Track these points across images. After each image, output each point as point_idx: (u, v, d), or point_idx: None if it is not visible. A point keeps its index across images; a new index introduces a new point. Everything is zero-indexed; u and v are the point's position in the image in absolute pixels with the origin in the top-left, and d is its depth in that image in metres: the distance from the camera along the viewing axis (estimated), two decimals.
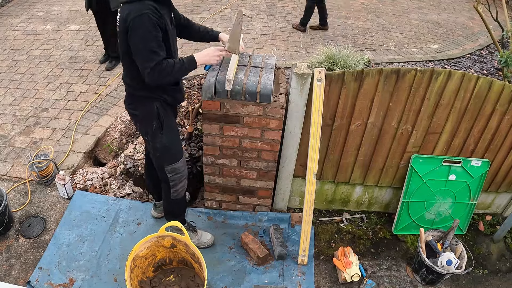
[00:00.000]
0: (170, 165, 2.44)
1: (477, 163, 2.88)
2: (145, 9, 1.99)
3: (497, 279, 2.92)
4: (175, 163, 2.45)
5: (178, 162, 2.47)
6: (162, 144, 2.37)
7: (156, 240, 2.38)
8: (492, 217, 3.31)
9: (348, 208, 3.25)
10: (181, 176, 2.52)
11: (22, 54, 5.10)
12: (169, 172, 2.46)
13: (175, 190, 2.54)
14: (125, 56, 2.17)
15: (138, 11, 1.99)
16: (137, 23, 1.99)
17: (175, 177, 2.49)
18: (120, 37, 2.12)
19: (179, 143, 2.51)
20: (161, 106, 2.31)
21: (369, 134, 2.76)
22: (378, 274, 2.83)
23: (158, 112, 2.29)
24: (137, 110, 2.34)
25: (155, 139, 2.36)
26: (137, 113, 2.35)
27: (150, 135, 2.36)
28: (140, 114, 2.34)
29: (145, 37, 2.01)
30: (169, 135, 2.38)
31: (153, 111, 2.28)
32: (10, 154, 3.54)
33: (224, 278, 2.67)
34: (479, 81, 2.54)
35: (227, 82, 2.32)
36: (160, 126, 2.32)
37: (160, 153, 2.41)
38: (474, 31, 6.41)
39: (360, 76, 2.50)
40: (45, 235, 2.89)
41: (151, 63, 2.04)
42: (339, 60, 4.00)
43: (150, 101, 2.28)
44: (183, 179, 2.55)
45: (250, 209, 3.12)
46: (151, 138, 2.37)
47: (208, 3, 6.70)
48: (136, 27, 2.00)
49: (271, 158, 2.75)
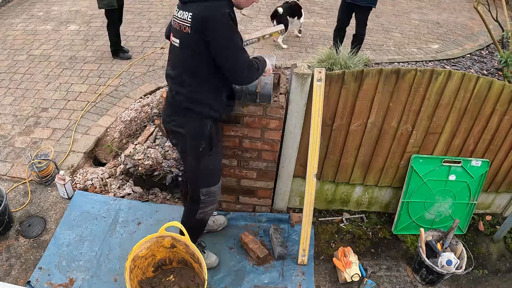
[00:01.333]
0: (207, 188, 2.28)
1: (477, 163, 2.88)
2: (225, 7, 1.88)
3: (497, 279, 2.92)
4: (213, 186, 2.30)
5: (216, 186, 2.32)
6: (205, 166, 2.19)
7: (156, 240, 2.38)
8: (492, 217, 3.31)
9: (348, 208, 3.25)
10: (214, 200, 2.36)
11: (22, 54, 5.10)
12: (204, 194, 2.29)
13: (203, 211, 2.37)
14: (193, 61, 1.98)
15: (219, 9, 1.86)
16: (223, 22, 1.86)
17: (208, 199, 2.32)
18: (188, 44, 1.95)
19: (221, 166, 2.37)
20: (214, 125, 2.14)
21: (369, 134, 2.76)
22: (378, 274, 2.83)
23: (210, 132, 2.11)
24: (185, 127, 2.11)
25: (199, 160, 2.17)
26: (184, 131, 2.12)
27: (194, 156, 2.16)
28: (188, 133, 2.11)
29: (234, 36, 1.90)
30: (215, 157, 2.23)
31: (205, 130, 2.09)
32: (10, 154, 3.54)
33: (224, 278, 2.67)
34: (479, 81, 2.54)
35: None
36: (209, 147, 2.14)
37: (201, 174, 2.24)
38: (474, 31, 6.41)
39: (360, 76, 2.50)
40: (45, 235, 2.89)
41: (247, 62, 1.96)
42: (339, 60, 4.00)
43: (203, 119, 2.09)
44: (215, 202, 2.39)
45: (250, 209, 3.12)
46: (194, 159, 2.17)
47: None
48: (222, 28, 1.86)
49: (271, 158, 2.75)
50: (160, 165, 3.18)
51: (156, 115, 3.78)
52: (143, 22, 6.04)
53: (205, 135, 2.11)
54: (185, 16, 1.92)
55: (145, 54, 5.13)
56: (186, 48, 1.98)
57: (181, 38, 1.98)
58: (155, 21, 6.08)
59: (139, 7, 6.51)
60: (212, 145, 2.15)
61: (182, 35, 1.96)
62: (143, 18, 6.16)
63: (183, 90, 2.07)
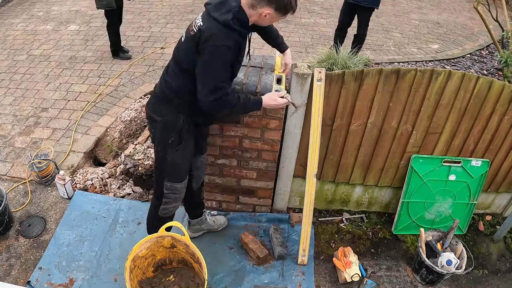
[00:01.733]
0: (171, 183, 2.28)
1: (477, 163, 2.88)
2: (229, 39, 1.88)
3: (497, 279, 2.92)
4: (177, 183, 2.29)
5: (181, 183, 2.31)
6: (172, 159, 2.21)
7: (156, 240, 2.38)
8: (492, 217, 3.31)
9: (348, 208, 3.25)
10: (177, 197, 2.35)
11: (22, 54, 5.10)
12: (167, 188, 2.29)
13: (165, 207, 2.36)
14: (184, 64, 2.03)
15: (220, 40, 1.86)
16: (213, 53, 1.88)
17: (171, 195, 2.32)
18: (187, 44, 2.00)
19: (189, 166, 2.35)
20: (187, 121, 2.15)
21: (369, 134, 2.76)
22: (378, 274, 2.83)
23: (182, 126, 2.13)
24: (161, 116, 2.15)
25: (166, 152, 2.19)
26: (159, 119, 2.15)
27: (162, 147, 2.20)
28: (162, 122, 2.15)
29: (219, 69, 1.92)
30: (183, 153, 2.22)
31: (178, 122, 2.12)
32: (10, 154, 3.54)
33: (224, 278, 2.67)
34: (479, 81, 2.54)
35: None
36: (178, 141, 2.16)
37: (167, 166, 2.24)
38: (474, 31, 6.41)
39: (360, 76, 2.50)
40: (45, 235, 2.89)
41: (217, 94, 1.94)
42: (339, 60, 4.00)
43: (179, 112, 2.12)
44: (178, 200, 2.38)
45: (250, 209, 3.12)
46: (162, 149, 2.20)
47: None
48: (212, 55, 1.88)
49: (271, 158, 2.75)
50: None
51: None
52: (143, 22, 6.04)
53: (176, 128, 2.13)
54: (198, 22, 1.98)
55: (145, 54, 5.13)
56: (184, 46, 2.05)
57: (186, 37, 2.06)
58: (155, 21, 6.08)
59: (139, 7, 6.51)
60: (181, 139, 2.16)
61: (188, 35, 2.04)
62: (143, 18, 6.17)
63: (172, 81, 2.12)
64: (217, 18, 1.89)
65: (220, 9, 1.92)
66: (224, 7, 1.93)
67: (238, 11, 1.91)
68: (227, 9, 1.91)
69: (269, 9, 1.92)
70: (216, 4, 1.96)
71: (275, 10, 1.93)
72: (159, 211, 2.38)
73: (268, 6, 1.91)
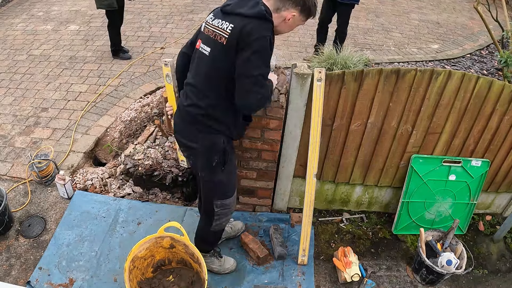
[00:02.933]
0: (221, 200, 2.24)
1: (477, 163, 2.88)
2: (269, 30, 1.81)
3: (497, 279, 2.92)
4: (226, 199, 2.26)
5: (231, 198, 2.28)
6: (219, 180, 2.16)
7: (155, 240, 2.37)
8: (492, 217, 3.31)
9: (348, 208, 3.25)
10: (228, 211, 2.32)
11: (22, 54, 5.10)
12: (218, 206, 2.25)
13: (218, 223, 2.34)
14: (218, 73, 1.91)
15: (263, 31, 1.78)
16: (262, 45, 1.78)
17: (222, 211, 2.28)
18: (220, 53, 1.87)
19: (236, 180, 2.31)
20: (227, 141, 2.09)
21: (369, 134, 2.76)
22: (378, 274, 2.83)
23: (224, 147, 2.06)
24: (198, 142, 2.06)
25: (213, 175, 2.13)
26: (197, 146, 2.07)
27: (208, 171, 2.13)
28: (201, 148, 2.06)
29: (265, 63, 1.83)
30: (229, 171, 2.18)
31: (219, 145, 2.04)
32: (10, 154, 3.54)
33: (224, 278, 2.67)
34: (479, 81, 2.54)
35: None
36: (223, 162, 2.09)
37: (215, 188, 2.21)
38: (474, 31, 6.41)
39: (360, 76, 2.49)
40: (45, 235, 2.89)
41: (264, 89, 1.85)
42: (339, 60, 3.99)
43: (216, 134, 2.04)
44: (229, 214, 2.36)
45: (250, 209, 3.12)
46: (208, 173, 2.14)
47: (208, 3, 6.70)
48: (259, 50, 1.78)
49: (271, 158, 2.75)
50: (160, 165, 3.18)
51: (156, 115, 3.78)
52: (143, 22, 6.04)
53: (218, 150, 2.06)
54: (224, 26, 1.86)
55: (145, 54, 5.13)
56: (215, 58, 1.91)
57: (213, 47, 1.91)
58: (155, 21, 6.08)
59: (139, 7, 6.51)
60: (226, 159, 2.10)
61: (216, 44, 1.90)
62: (143, 18, 6.16)
63: (201, 103, 1.99)
64: (248, 13, 1.81)
65: (246, 5, 1.84)
66: (247, 3, 1.85)
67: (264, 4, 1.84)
68: (253, 3, 1.84)
69: (295, 11, 1.87)
70: (237, 2, 1.88)
71: (300, 12, 1.89)
72: (211, 227, 2.36)
73: (293, 7, 1.86)
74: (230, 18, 1.86)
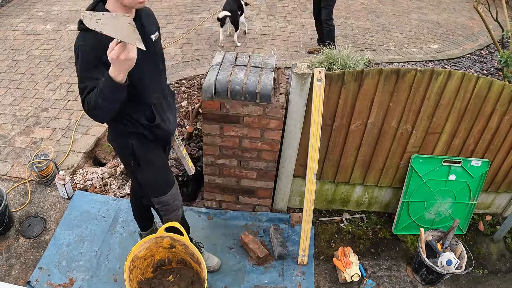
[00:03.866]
0: (156, 198, 2.23)
1: (477, 163, 2.88)
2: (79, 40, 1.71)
3: (497, 279, 2.92)
4: (161, 197, 2.22)
5: (166, 195, 2.22)
6: (143, 179, 2.18)
7: (155, 240, 2.37)
8: (492, 217, 3.31)
9: (348, 208, 3.25)
10: (170, 207, 2.28)
11: (22, 54, 5.10)
12: (156, 203, 2.25)
13: (167, 218, 2.32)
14: None
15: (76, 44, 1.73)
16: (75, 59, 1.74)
17: (163, 208, 2.27)
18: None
19: (166, 175, 2.25)
20: (139, 142, 2.05)
21: (369, 134, 2.76)
22: (378, 274, 2.83)
23: (133, 149, 2.05)
24: (113, 142, 2.13)
25: (135, 174, 2.18)
26: (114, 146, 2.15)
27: (129, 169, 2.21)
28: (116, 148, 2.15)
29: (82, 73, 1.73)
30: (151, 170, 2.15)
31: (128, 147, 2.04)
32: (10, 154, 3.54)
33: (224, 278, 2.67)
34: (479, 81, 2.54)
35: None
36: (137, 163, 2.09)
37: (144, 186, 2.22)
38: (474, 31, 6.41)
39: (360, 76, 2.49)
40: (45, 235, 2.89)
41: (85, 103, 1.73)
42: (339, 60, 3.99)
43: (125, 137, 2.03)
44: (174, 209, 2.31)
45: (250, 209, 3.12)
46: (131, 172, 2.22)
47: (208, 3, 6.71)
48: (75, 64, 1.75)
49: (271, 158, 2.75)
50: None
51: None
52: None
53: (128, 153, 2.06)
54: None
55: None
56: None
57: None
58: None
59: None
60: (139, 161, 2.08)
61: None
62: None
63: None
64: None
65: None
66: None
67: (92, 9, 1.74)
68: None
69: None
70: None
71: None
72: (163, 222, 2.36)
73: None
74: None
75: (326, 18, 4.96)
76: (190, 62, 5.00)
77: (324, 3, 4.91)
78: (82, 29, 1.71)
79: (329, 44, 4.66)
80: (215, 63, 2.58)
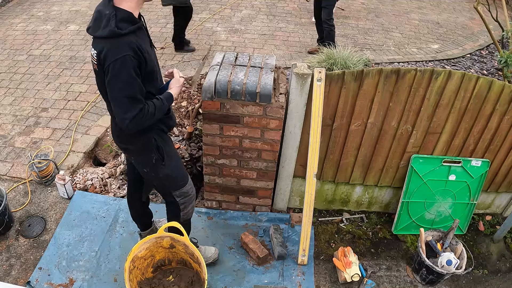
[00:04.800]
0: (178, 190, 2.30)
1: (477, 163, 2.88)
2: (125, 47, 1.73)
3: (497, 279, 2.92)
4: (182, 188, 2.30)
5: (186, 186, 2.32)
6: (165, 174, 2.21)
7: (155, 240, 2.38)
8: (492, 217, 3.31)
9: (348, 208, 3.25)
10: (190, 198, 2.37)
11: (22, 54, 5.10)
12: (178, 196, 2.31)
13: (185, 212, 2.39)
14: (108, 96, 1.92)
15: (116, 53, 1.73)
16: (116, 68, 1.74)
17: (184, 200, 2.34)
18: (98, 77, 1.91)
19: (182, 167, 2.35)
20: (159, 136, 2.13)
21: (369, 134, 2.76)
22: (378, 274, 2.83)
23: (157, 144, 2.11)
24: (131, 144, 2.12)
25: (156, 171, 2.19)
26: (132, 148, 2.14)
27: (150, 168, 2.18)
28: (136, 149, 2.13)
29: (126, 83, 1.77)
30: (171, 164, 2.22)
31: (151, 143, 2.09)
32: (10, 154, 3.54)
33: (224, 278, 2.67)
34: (479, 81, 2.54)
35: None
36: (161, 158, 2.15)
37: (165, 182, 2.26)
38: (474, 31, 6.41)
39: (360, 76, 2.50)
40: (45, 235, 2.89)
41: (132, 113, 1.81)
42: (339, 60, 3.99)
43: (146, 133, 2.06)
44: (193, 199, 2.40)
45: (250, 209, 3.12)
46: (151, 170, 2.19)
47: (208, 3, 6.71)
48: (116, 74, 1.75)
49: (271, 158, 2.75)
50: None
51: None
52: None
53: (152, 149, 2.11)
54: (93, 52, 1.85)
55: None
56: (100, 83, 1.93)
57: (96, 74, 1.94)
58: (155, 21, 6.08)
59: None
60: (163, 155, 2.14)
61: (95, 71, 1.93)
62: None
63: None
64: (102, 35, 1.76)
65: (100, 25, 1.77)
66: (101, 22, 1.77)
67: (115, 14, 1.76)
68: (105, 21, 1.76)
69: None
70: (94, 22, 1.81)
71: None
72: (180, 219, 2.39)
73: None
74: (95, 43, 1.83)
75: (326, 18, 4.98)
76: (190, 62, 5.00)
77: (325, 3, 4.93)
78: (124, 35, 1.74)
79: (329, 44, 4.67)
80: (215, 63, 2.59)
